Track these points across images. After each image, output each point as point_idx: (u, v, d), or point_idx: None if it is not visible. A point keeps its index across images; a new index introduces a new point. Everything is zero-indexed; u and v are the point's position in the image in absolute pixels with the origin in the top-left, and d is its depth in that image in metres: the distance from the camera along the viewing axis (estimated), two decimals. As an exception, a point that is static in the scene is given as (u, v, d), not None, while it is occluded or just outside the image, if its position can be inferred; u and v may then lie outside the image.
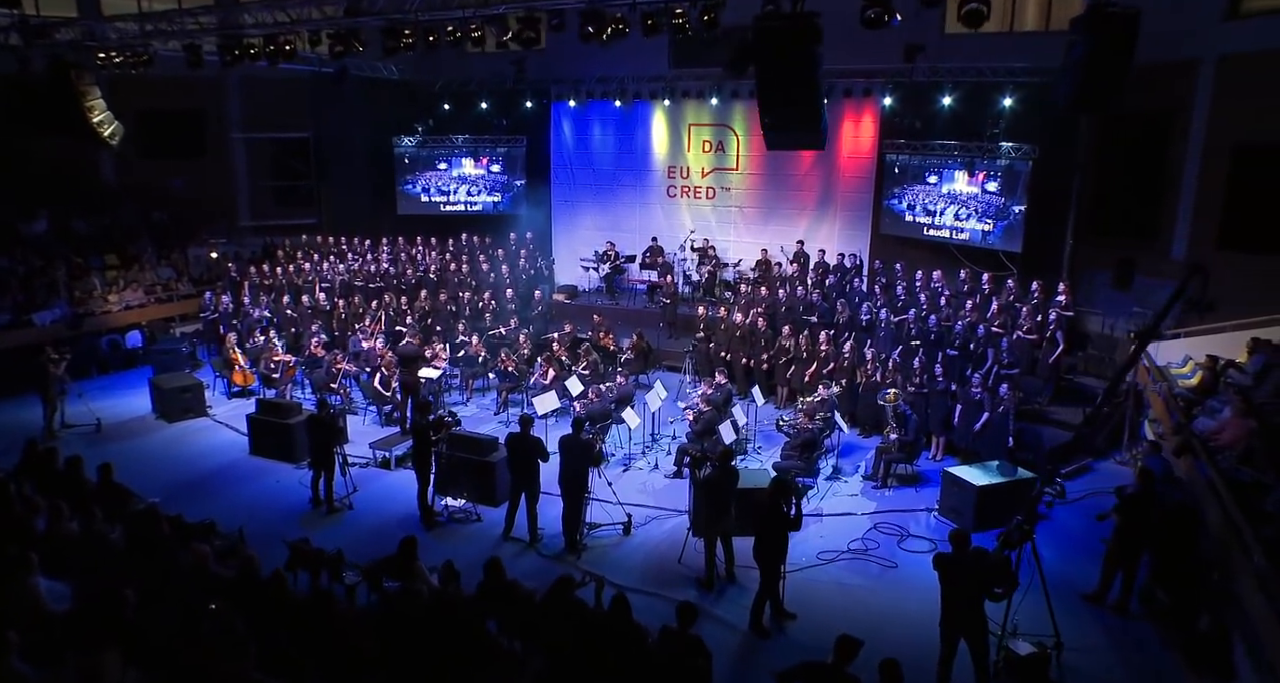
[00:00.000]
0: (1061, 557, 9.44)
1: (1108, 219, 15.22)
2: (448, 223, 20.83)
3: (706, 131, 19.40)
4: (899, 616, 8.19)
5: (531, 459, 9.28)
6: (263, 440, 12.12)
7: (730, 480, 8.54)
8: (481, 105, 20.30)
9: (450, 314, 16.87)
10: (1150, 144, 15.84)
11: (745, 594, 8.51)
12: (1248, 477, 9.16)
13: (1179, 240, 16.10)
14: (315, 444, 10.22)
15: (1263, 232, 14.76)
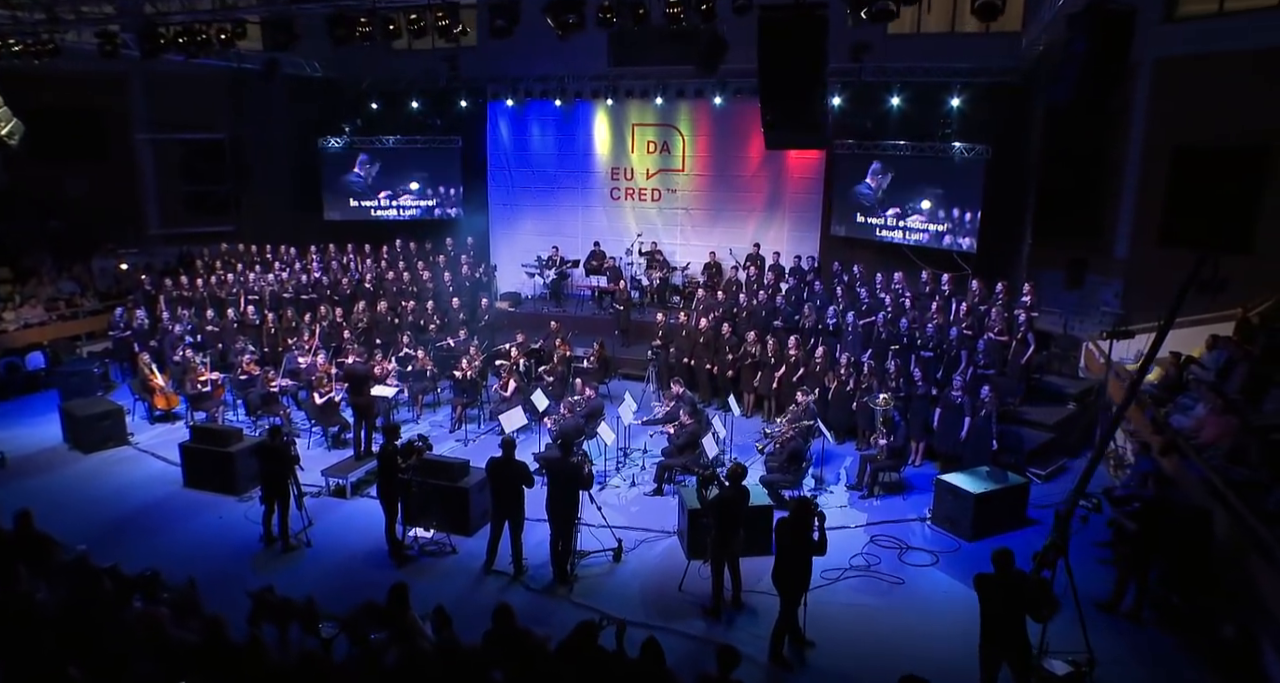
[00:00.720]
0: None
1: (1057, 219, 15.36)
2: (379, 229, 19.75)
3: (651, 132, 18.90)
4: (922, 637, 7.84)
5: (516, 486, 8.55)
6: (199, 472, 10.99)
7: (743, 500, 8.03)
8: (413, 105, 19.27)
9: (391, 326, 15.87)
10: (1093, 145, 16.12)
11: (756, 622, 8.02)
12: (1240, 476, 9.18)
13: (1121, 239, 16.44)
14: (267, 475, 9.23)
15: (1201, 230, 15.16)
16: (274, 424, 9.47)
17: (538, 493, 8.81)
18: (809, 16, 7.25)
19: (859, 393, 12.11)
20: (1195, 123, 14.42)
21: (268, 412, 12.87)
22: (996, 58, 15.95)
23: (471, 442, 12.72)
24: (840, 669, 7.40)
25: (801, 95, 7.61)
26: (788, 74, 7.51)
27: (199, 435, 11.09)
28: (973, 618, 8.02)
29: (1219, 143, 14.71)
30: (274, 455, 9.14)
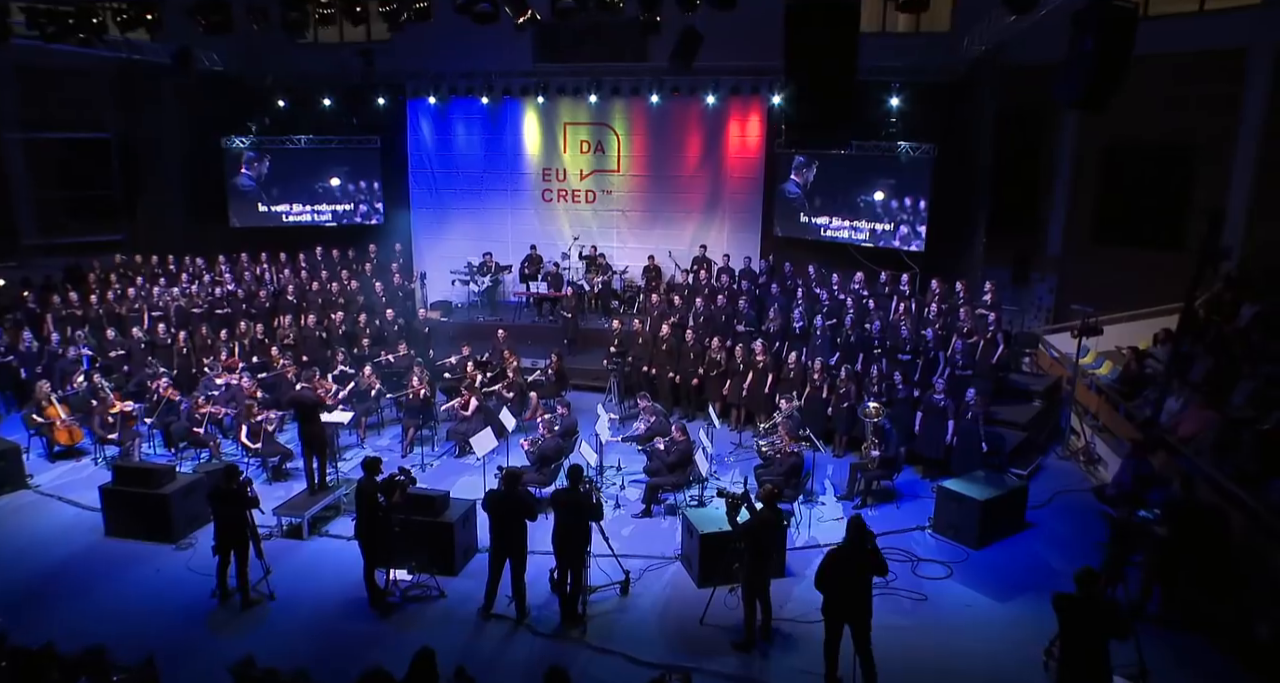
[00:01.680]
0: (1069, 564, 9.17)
1: (1001, 216, 15.56)
2: (291, 236, 18.28)
3: (584, 131, 18.19)
4: (966, 657, 7.55)
5: (519, 521, 7.75)
6: (125, 517, 9.62)
7: (778, 523, 7.49)
8: (325, 102, 17.89)
9: (321, 341, 14.60)
10: (1031, 145, 16.46)
11: (792, 653, 7.53)
12: (1230, 470, 9.30)
13: (1054, 236, 16.86)
14: (223, 522, 8.07)
15: (1133, 227, 15.70)
16: (229, 464, 8.31)
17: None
18: (843, 6, 6.76)
19: (835, 399, 11.81)
20: (1125, 123, 14.82)
21: (195, 443, 11.51)
22: (933, 57, 16.01)
23: (429, 466, 11.73)
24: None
25: (830, 90, 7.11)
26: (817, 69, 7.00)
27: (123, 476, 9.70)
28: (1005, 633, 7.86)
29: (1148, 142, 15.25)
30: (231, 500, 8.00)
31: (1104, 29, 7.85)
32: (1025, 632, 7.83)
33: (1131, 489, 9.68)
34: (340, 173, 18.45)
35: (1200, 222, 14.76)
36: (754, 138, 17.43)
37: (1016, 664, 7.42)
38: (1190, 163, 14.88)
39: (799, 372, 12.30)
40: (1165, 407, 11.18)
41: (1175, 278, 14.75)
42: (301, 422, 10.03)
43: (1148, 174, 15.38)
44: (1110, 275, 15.41)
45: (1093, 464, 11.86)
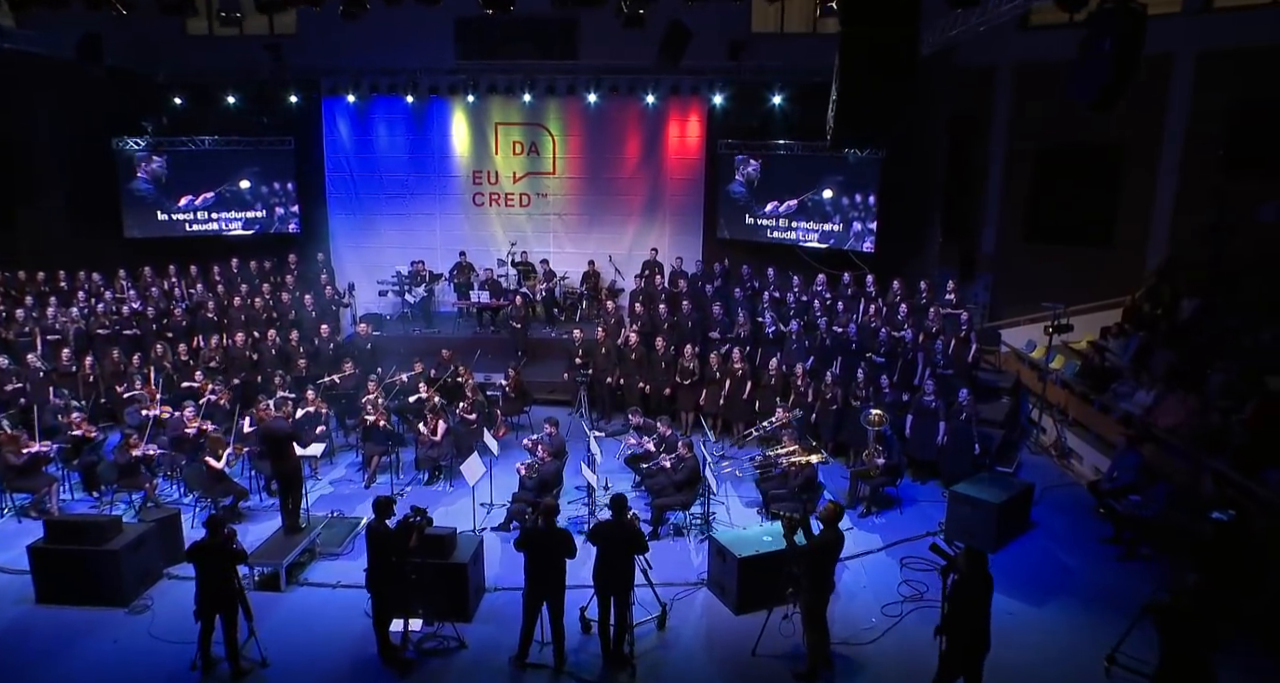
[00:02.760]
0: (1083, 562, 9.26)
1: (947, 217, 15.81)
2: (196, 247, 16.65)
3: (516, 131, 17.38)
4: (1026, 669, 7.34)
5: (559, 559, 7.05)
6: (61, 580, 8.27)
7: (840, 544, 7.10)
8: (229, 100, 16.36)
9: (251, 362, 13.27)
10: (963, 145, 16.81)
11: (857, 679, 7.15)
12: (1223, 463, 9.60)
13: (988, 235, 17.32)
14: (207, 583, 6.98)
15: (1064, 225, 16.29)
16: (212, 516, 7.17)
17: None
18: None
19: (821, 405, 11.59)
20: (1055, 126, 15.35)
21: (128, 485, 10.12)
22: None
23: (399, 496, 10.69)
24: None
25: (886, 89, 6.78)
26: (872, 67, 6.66)
27: (58, 531, 8.32)
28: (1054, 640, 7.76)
29: (1078, 144, 15.82)
30: (217, 556, 6.93)
31: (1122, 30, 7.88)
32: (1074, 638, 7.79)
33: (1133, 482, 9.91)
34: (250, 177, 16.93)
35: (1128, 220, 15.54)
36: (694, 138, 17.12)
37: (1076, 672, 7.31)
38: (1118, 164, 15.54)
39: (779, 378, 12.01)
40: (1136, 399, 11.55)
41: (1104, 275, 15.50)
42: (273, 457, 8.93)
43: (1077, 175, 15.96)
44: (1043, 273, 15.94)
45: (1065, 458, 12.11)
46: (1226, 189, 13.83)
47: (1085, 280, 15.24)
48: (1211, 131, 14.26)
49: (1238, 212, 13.69)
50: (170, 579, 8.75)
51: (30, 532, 9.37)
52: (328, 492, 10.95)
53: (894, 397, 11.28)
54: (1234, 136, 14.07)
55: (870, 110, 6.86)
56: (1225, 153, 14.16)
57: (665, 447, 10.04)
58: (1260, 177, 13.76)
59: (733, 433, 12.30)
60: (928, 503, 10.58)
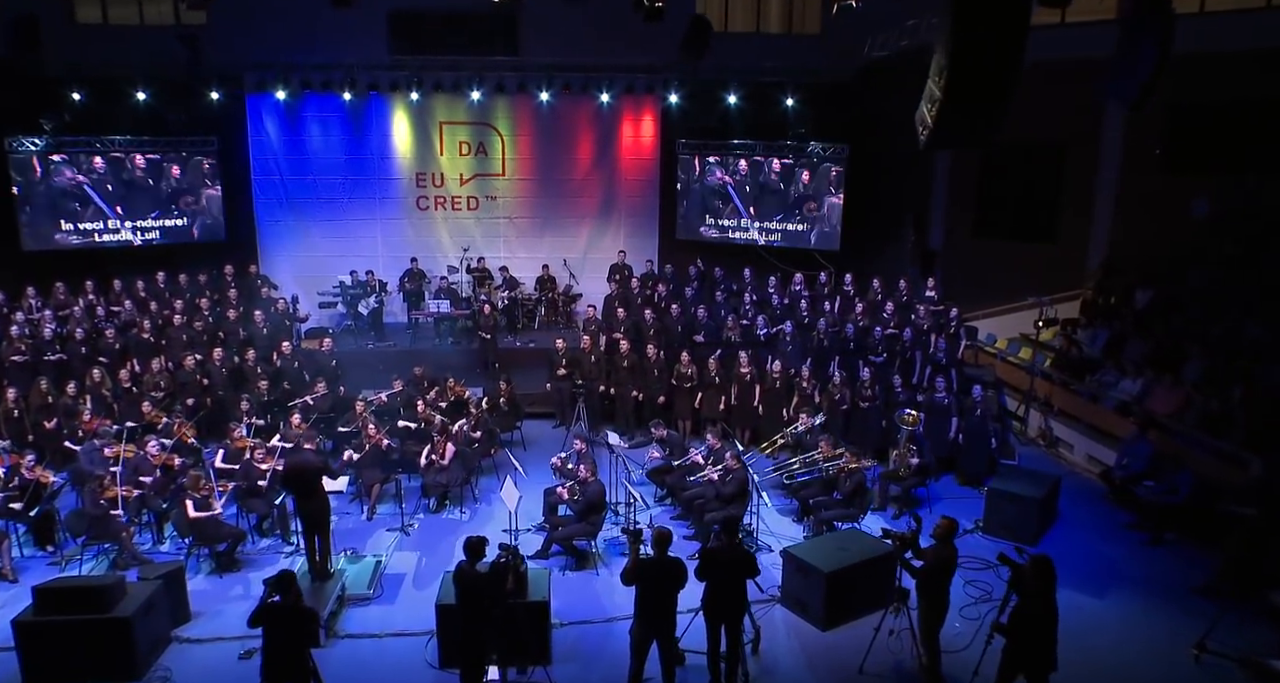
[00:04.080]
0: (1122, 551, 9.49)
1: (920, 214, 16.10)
2: (106, 259, 14.95)
3: (463, 131, 16.55)
4: (1114, 667, 7.41)
5: (672, 591, 6.54)
6: (57, 657, 7.04)
7: (955, 561, 6.92)
8: (139, 96, 14.73)
9: (201, 387, 11.96)
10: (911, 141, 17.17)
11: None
12: (1227, 446, 10.09)
13: (935, 231, 17.78)
14: (278, 650, 6.04)
15: (1009, 221, 16.91)
16: (284, 573, 6.18)
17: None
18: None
19: (829, 406, 11.48)
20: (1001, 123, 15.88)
21: (100, 536, 8.82)
22: (828, 60, 16.25)
23: (410, 527, 9.89)
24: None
25: (994, 92, 6.64)
26: (983, 68, 6.50)
27: (51, 600, 7.06)
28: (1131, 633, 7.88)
29: (1022, 142, 16.44)
30: (289, 620, 6.03)
31: (1164, 32, 8.10)
32: (1150, 629, 7.94)
33: (1145, 469, 10.28)
34: (169, 182, 15.31)
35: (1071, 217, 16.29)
36: (648, 138, 16.80)
37: (1166, 662, 7.44)
38: (1060, 161, 16.26)
39: (784, 381, 11.84)
40: (1122, 387, 12.04)
41: (1049, 270, 16.19)
42: (300, 494, 7.94)
43: (1021, 172, 16.61)
44: (988, 267, 16.50)
45: (1054, 447, 12.50)
46: (1166, 187, 14.69)
47: (1030, 276, 15.84)
48: (1149, 132, 15.11)
49: (1175, 208, 14.57)
50: (181, 644, 7.67)
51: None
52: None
53: (907, 396, 11.31)
54: (1171, 137, 14.94)
55: (976, 115, 6.71)
56: (1162, 153, 15.04)
57: (714, 458, 9.63)
58: (1195, 175, 14.68)
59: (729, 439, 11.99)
60: (951, 500, 10.63)
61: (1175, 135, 14.88)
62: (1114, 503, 10.55)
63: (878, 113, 15.78)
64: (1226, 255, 13.38)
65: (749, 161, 16.07)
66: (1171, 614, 8.21)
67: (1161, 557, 9.35)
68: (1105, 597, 8.57)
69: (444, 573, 7.83)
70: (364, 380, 12.94)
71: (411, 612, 8.08)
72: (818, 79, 15.92)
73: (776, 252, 16.25)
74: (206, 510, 8.70)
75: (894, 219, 15.98)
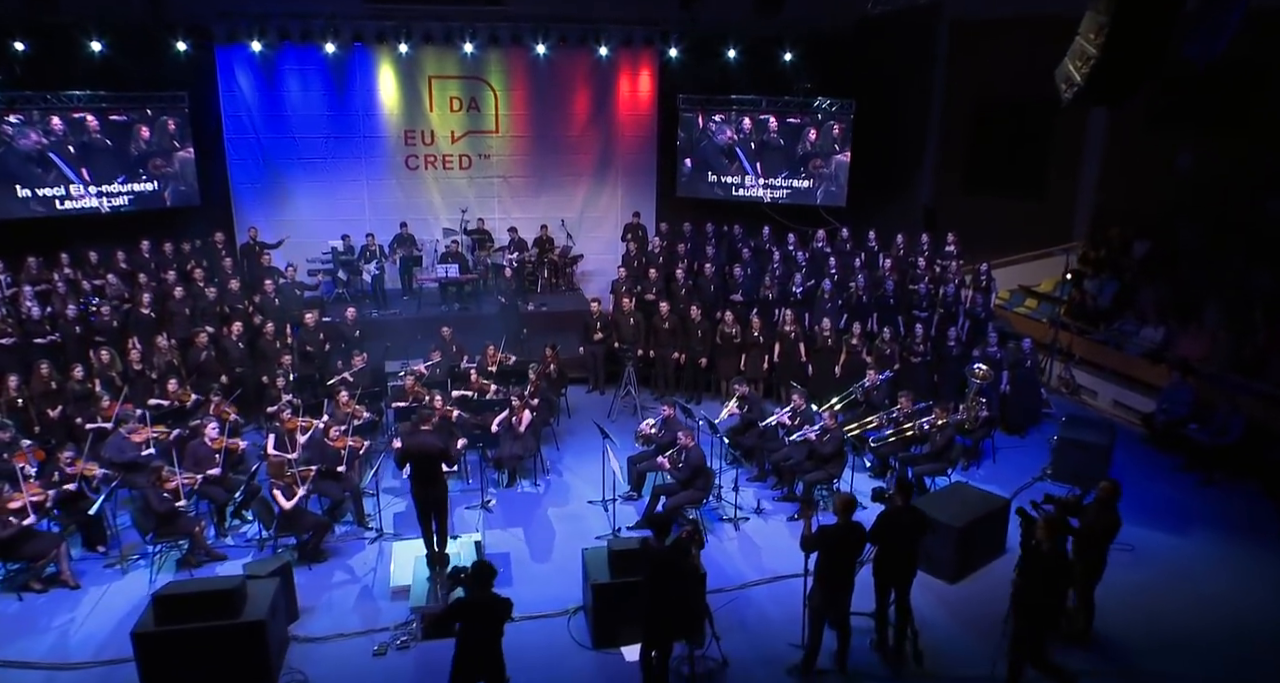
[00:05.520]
0: (1184, 492, 9.93)
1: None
2: (68, 229, 13.56)
3: (454, 86, 15.68)
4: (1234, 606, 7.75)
5: (855, 555, 6.45)
6: (185, 670, 6.43)
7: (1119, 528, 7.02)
8: (94, 46, 13.31)
9: (220, 365, 11.09)
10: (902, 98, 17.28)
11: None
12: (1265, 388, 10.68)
13: (924, 187, 18.04)
14: (475, 644, 5.60)
15: (999, 178, 17.29)
16: (483, 563, 5.65)
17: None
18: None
19: (879, 363, 11.53)
20: (991, 81, 16.19)
21: (169, 533, 8.08)
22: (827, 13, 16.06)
23: (487, 505, 9.46)
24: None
25: (1149, 47, 6.63)
26: (1143, 18, 6.46)
27: (172, 608, 6.39)
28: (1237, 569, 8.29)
29: (1012, 99, 16.77)
30: (487, 612, 5.65)
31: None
32: (1260, 565, 8.34)
33: (1187, 414, 10.79)
34: (137, 143, 13.96)
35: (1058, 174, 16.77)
36: (645, 93, 16.32)
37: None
38: (1051, 120, 16.66)
39: (835, 338, 11.84)
40: (1143, 335, 12.57)
41: (1037, 226, 16.71)
42: (424, 481, 7.42)
43: (1011, 129, 16.95)
44: (979, 222, 16.89)
45: (1077, 394, 12.99)
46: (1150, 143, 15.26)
47: (1019, 231, 16.32)
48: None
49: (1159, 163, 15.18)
50: (301, 643, 7.14)
51: (37, 611, 7.37)
52: (399, 508, 9.38)
53: (960, 351, 11.48)
54: (1155, 95, 15.48)
55: (1130, 71, 6.69)
56: (1147, 110, 15.59)
57: (802, 418, 9.54)
58: (1177, 131, 15.30)
59: (780, 398, 11.99)
60: (1008, 450, 10.91)
61: (1163, 91, 15.44)
62: (1155, 447, 11.04)
63: (880, 68, 15.83)
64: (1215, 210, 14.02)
65: (753, 118, 15.80)
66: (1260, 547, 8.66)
67: (1223, 496, 9.84)
68: (1188, 535, 8.97)
69: (581, 549, 7.58)
70: (393, 351, 12.28)
71: (536, 591, 7.77)
72: (818, 33, 15.76)
73: (781, 209, 16.14)
74: (292, 499, 8.07)
75: (899, 175, 16.09)
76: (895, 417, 9.86)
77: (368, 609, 7.60)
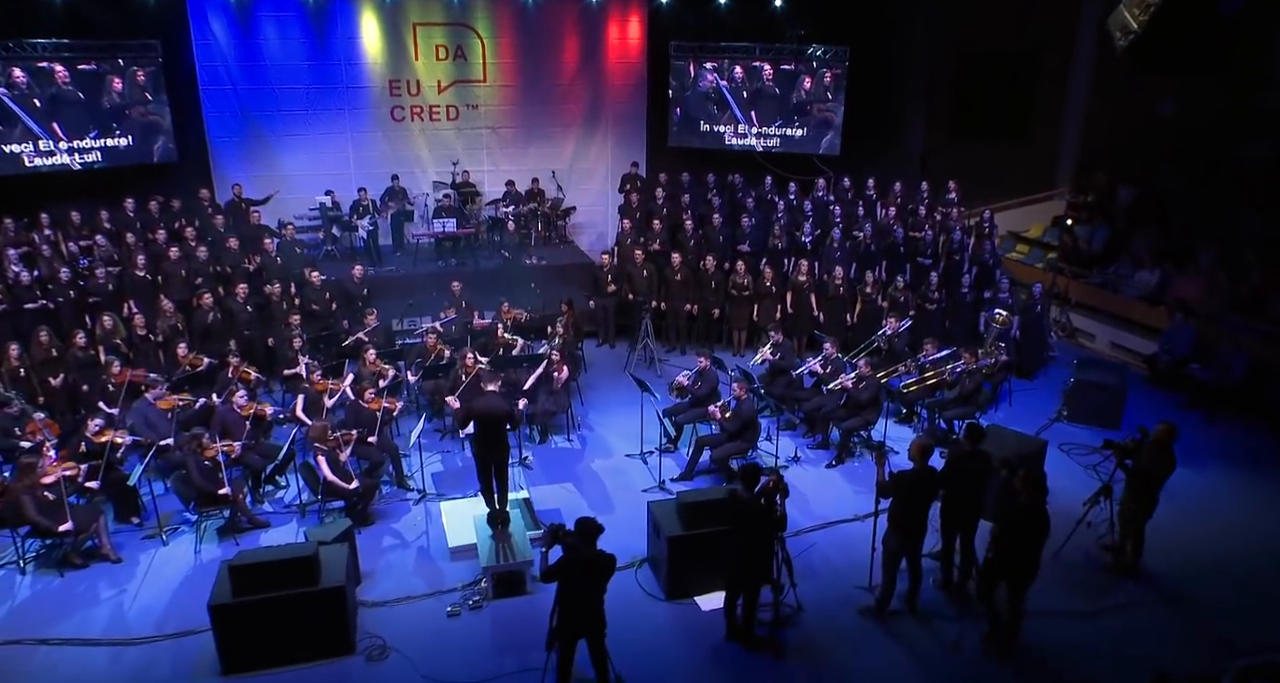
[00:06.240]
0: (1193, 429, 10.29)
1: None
2: (37, 187, 12.81)
3: (439, 33, 15.11)
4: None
5: (929, 501, 6.60)
6: (264, 640, 6.30)
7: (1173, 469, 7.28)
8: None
9: (226, 326, 10.73)
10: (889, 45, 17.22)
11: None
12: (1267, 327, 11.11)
13: (916, 134, 18.03)
14: (576, 601, 5.58)
15: (985, 123, 17.46)
16: (587, 520, 5.56)
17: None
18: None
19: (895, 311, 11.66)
20: (977, 29, 16.26)
21: (213, 502, 7.85)
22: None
23: (524, 461, 9.39)
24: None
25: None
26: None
27: (248, 577, 6.21)
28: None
29: (997, 47, 16.86)
30: (590, 568, 5.62)
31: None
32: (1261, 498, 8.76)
33: (1189, 354, 11.20)
34: (110, 96, 13.18)
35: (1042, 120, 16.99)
36: (635, 40, 15.96)
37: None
38: (1034, 67, 16.82)
39: (847, 288, 11.94)
40: (1138, 279, 12.95)
41: (1022, 171, 16.98)
42: (490, 442, 7.31)
43: (997, 76, 17.08)
44: (966, 169, 17.07)
45: (1074, 337, 13.37)
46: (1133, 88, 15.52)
47: (1005, 176, 16.56)
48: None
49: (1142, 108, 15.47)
50: (370, 608, 7.05)
51: (82, 586, 7.16)
52: (437, 468, 9.27)
53: (972, 297, 11.68)
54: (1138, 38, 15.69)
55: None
56: (1130, 55, 15.80)
57: (833, 367, 9.63)
58: (1160, 76, 15.57)
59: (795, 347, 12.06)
60: (1020, 393, 11.19)
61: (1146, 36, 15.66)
62: (1159, 386, 11.44)
63: (871, 15, 15.70)
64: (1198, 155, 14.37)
65: (745, 66, 15.59)
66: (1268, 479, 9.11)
67: (1229, 432, 10.27)
68: (1203, 471, 9.32)
69: (645, 502, 7.60)
70: (398, 309, 12.02)
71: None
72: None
73: (774, 158, 16.05)
74: (338, 465, 7.91)
75: (891, 123, 16.10)
76: (922, 363, 10.01)
77: (429, 571, 7.53)
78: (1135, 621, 6.92)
